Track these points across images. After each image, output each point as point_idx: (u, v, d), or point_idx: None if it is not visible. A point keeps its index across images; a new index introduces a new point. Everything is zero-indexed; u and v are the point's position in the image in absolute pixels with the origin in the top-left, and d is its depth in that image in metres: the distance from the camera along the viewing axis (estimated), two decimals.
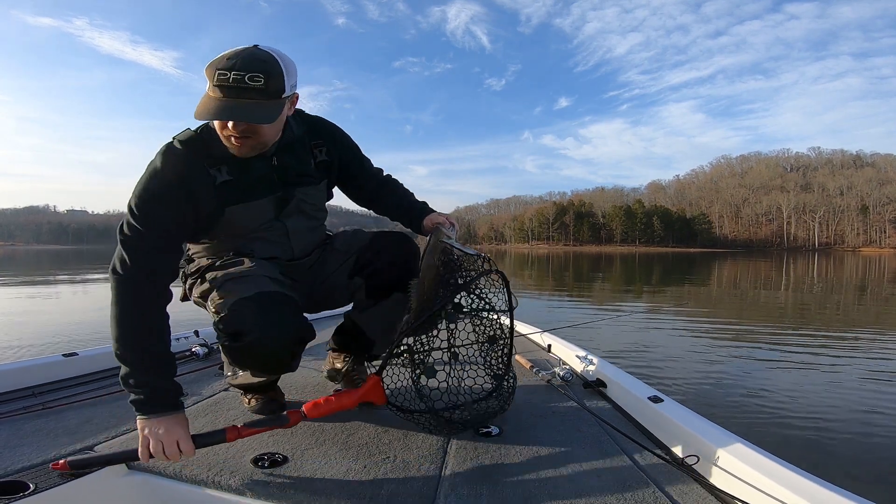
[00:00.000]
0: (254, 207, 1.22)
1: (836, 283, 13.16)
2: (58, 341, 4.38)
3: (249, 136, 1.08)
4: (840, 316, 6.69)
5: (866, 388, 3.04)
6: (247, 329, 1.09)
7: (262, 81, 1.00)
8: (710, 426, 1.07)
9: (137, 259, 1.03)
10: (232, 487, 0.94)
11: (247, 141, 1.09)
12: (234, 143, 1.09)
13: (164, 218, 1.07)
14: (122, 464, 1.02)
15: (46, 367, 1.60)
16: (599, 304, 7.99)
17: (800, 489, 0.79)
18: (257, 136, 1.09)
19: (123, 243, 1.04)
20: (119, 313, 1.01)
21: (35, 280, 12.45)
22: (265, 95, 1.02)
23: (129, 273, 1.03)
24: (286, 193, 1.25)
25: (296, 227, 1.31)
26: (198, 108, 1.02)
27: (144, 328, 1.02)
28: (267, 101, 1.04)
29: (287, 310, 1.15)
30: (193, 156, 1.11)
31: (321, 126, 1.36)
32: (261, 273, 1.18)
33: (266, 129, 1.09)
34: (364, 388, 1.12)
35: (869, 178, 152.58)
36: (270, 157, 1.22)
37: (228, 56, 1.01)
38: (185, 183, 1.10)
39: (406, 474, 0.99)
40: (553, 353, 2.04)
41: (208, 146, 1.13)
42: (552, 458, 1.07)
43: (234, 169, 1.17)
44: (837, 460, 2.01)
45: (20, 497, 0.86)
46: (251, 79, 0.99)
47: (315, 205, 1.35)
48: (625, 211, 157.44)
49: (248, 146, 1.11)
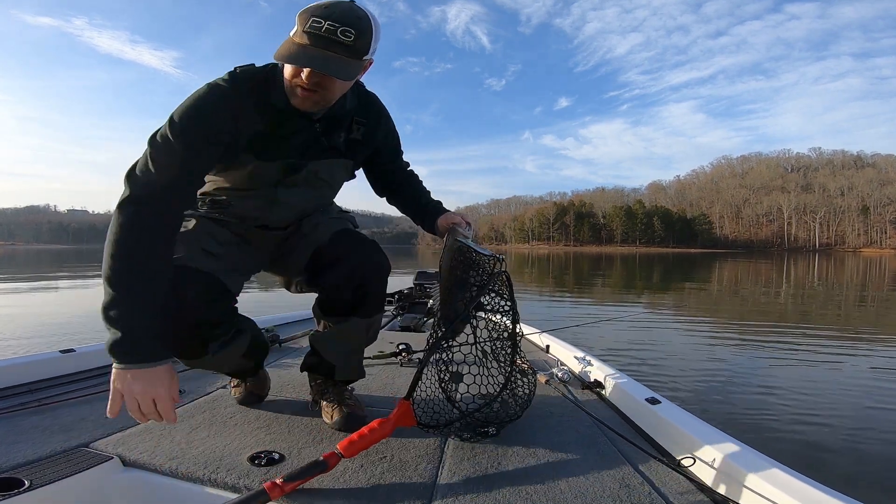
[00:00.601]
0: (267, 169, 1.15)
1: (837, 284, 13.16)
2: (55, 338, 4.38)
3: (318, 89, 1.03)
4: (840, 318, 6.69)
5: (864, 390, 3.04)
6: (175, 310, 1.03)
7: (352, 38, 0.96)
8: (706, 428, 1.07)
9: (163, 173, 0.97)
10: (228, 485, 0.94)
11: (313, 95, 1.04)
12: (301, 94, 1.04)
13: (202, 140, 1.01)
14: (117, 460, 1.02)
15: (43, 363, 1.60)
16: (599, 304, 7.99)
17: (794, 492, 0.79)
18: (326, 92, 1.04)
19: (152, 154, 0.97)
20: (126, 222, 0.94)
21: (34, 278, 12.46)
22: (350, 52, 0.97)
23: (151, 185, 0.96)
24: (300, 162, 1.18)
25: (290, 198, 1.23)
26: (279, 49, 0.98)
27: (151, 250, 0.95)
28: (350, 59, 0.98)
29: (188, 293, 1.04)
30: (248, 91, 1.06)
31: (372, 105, 1.29)
32: (196, 245, 1.13)
33: (337, 86, 1.05)
34: (396, 416, 1.06)
35: (870, 178, 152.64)
36: (315, 122, 1.15)
37: (326, 5, 0.97)
38: (233, 112, 1.04)
39: (403, 474, 0.99)
40: (551, 353, 2.04)
41: (266, 87, 1.08)
42: (549, 459, 1.07)
43: (274, 122, 1.10)
44: (834, 463, 2.01)
45: (15, 494, 0.86)
46: (343, 33, 0.95)
47: (326, 181, 1.27)
48: (625, 211, 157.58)
49: (312, 100, 1.05)
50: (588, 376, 1.64)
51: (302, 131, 1.15)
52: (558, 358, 1.92)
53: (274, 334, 2.19)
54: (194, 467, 0.99)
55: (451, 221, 1.36)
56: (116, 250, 0.93)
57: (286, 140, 1.14)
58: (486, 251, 1.19)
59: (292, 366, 1.84)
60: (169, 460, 1.01)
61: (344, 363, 1.32)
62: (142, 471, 1.01)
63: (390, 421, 1.03)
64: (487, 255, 1.18)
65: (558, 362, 1.82)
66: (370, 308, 1.28)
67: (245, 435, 1.17)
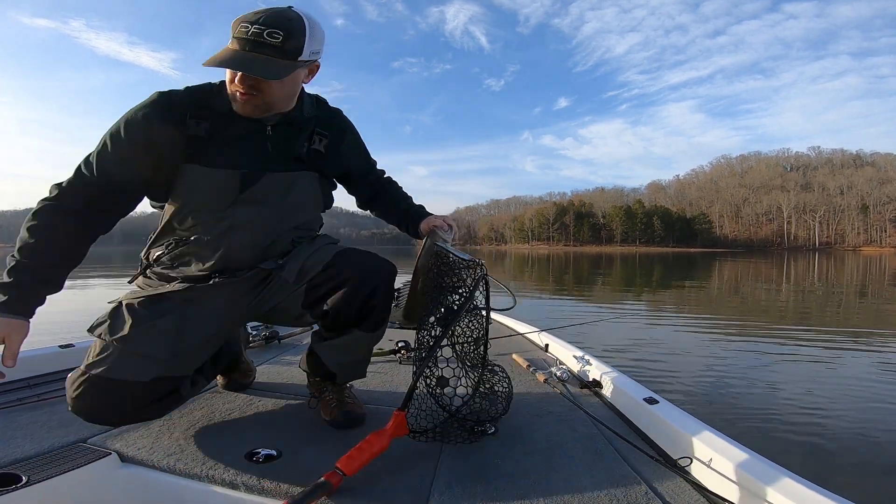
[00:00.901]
0: (213, 176, 1.09)
1: (837, 282, 13.17)
2: (54, 333, 4.39)
3: (254, 92, 1.04)
4: (840, 316, 6.69)
5: (864, 389, 3.05)
6: (74, 408, 1.05)
7: (279, 39, 0.98)
8: (704, 428, 1.07)
9: (78, 188, 1.04)
10: (225, 481, 0.94)
11: (252, 98, 1.04)
12: (241, 98, 1.05)
13: (118, 159, 1.04)
14: (115, 456, 1.02)
15: (42, 358, 1.60)
16: (598, 304, 8.00)
17: (791, 493, 0.79)
18: (263, 95, 1.04)
19: (77, 170, 1.05)
20: (45, 209, 1.02)
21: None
22: (280, 53, 0.99)
23: (67, 195, 1.03)
24: (256, 171, 1.12)
25: (252, 219, 1.14)
26: (215, 55, 0.99)
27: (58, 241, 1.02)
28: (280, 60, 0.99)
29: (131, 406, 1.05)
30: (179, 102, 1.07)
31: (336, 118, 1.28)
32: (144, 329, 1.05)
33: (275, 88, 1.04)
34: (392, 427, 1.01)
35: (869, 177, 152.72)
36: (266, 126, 1.13)
37: (257, 11, 0.99)
38: (152, 128, 1.04)
39: (401, 471, 0.99)
40: (550, 352, 2.04)
41: (209, 97, 1.09)
42: (547, 458, 1.07)
43: (219, 127, 1.09)
44: (832, 463, 2.01)
45: (13, 489, 0.86)
46: (270, 34, 0.97)
47: (285, 196, 1.18)
48: (625, 211, 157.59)
49: (252, 104, 1.06)
50: (586, 375, 1.65)
51: (251, 136, 1.12)
52: (557, 357, 1.92)
53: (273, 331, 2.19)
54: (192, 463, 0.99)
55: (431, 224, 1.33)
56: (31, 228, 1.01)
57: (233, 145, 1.10)
58: (465, 256, 1.15)
59: (291, 363, 1.84)
60: (167, 456, 1.02)
61: (346, 372, 1.30)
62: (140, 467, 1.02)
63: (387, 433, 1.00)
64: (467, 259, 1.14)
65: (557, 361, 1.82)
66: (377, 321, 1.21)
67: (243, 432, 1.17)
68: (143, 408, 1.08)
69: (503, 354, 2.02)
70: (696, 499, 0.91)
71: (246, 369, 1.52)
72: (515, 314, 2.62)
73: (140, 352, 1.04)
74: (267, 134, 1.13)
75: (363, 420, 1.27)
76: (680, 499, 0.91)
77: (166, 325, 1.08)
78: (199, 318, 1.12)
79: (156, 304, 1.10)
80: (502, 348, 2.13)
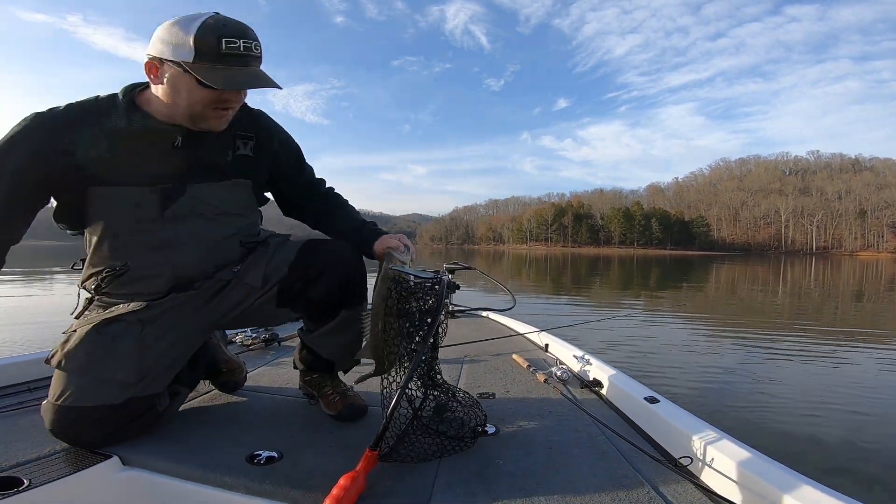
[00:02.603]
0: (125, 195, 1.05)
1: (833, 287, 13.20)
2: (55, 336, 4.37)
3: (231, 107, 1.04)
4: (836, 318, 6.71)
5: (862, 388, 3.06)
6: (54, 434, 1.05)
7: (260, 49, 0.99)
8: (705, 427, 1.07)
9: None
10: (227, 484, 0.94)
11: (227, 113, 1.05)
12: (220, 115, 1.04)
13: (24, 165, 0.99)
14: (116, 459, 1.02)
15: (42, 361, 1.59)
16: (597, 304, 8.00)
17: (793, 491, 0.80)
18: (236, 108, 1.05)
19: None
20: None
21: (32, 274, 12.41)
22: (260, 63, 1.01)
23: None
24: (176, 186, 1.08)
25: (185, 234, 1.10)
26: (209, 78, 0.94)
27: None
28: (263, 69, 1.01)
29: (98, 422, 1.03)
30: (60, 123, 1.01)
31: (258, 119, 1.22)
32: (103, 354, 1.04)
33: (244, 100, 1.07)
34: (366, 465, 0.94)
35: (867, 182, 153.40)
36: (176, 138, 1.06)
37: (223, 22, 0.96)
38: (60, 136, 1.00)
39: (401, 472, 0.99)
40: (550, 352, 2.05)
41: (99, 114, 1.03)
42: (548, 458, 1.07)
43: (117, 145, 1.03)
44: (833, 461, 2.01)
45: (14, 493, 0.86)
46: (255, 47, 0.98)
47: (218, 207, 1.14)
48: (623, 213, 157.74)
49: (225, 118, 1.06)
50: (587, 375, 1.65)
51: (160, 150, 1.07)
52: (557, 357, 1.92)
53: (273, 333, 2.19)
54: (193, 466, 0.98)
55: (386, 246, 1.20)
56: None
57: (141, 162, 1.06)
58: (426, 274, 1.08)
59: (290, 364, 1.83)
60: (168, 459, 1.01)
61: (343, 355, 1.30)
62: (141, 470, 1.01)
63: (362, 472, 0.92)
64: (430, 277, 1.08)
65: (557, 361, 1.83)
66: (359, 295, 1.24)
67: (243, 434, 1.17)
68: (123, 428, 1.07)
69: (503, 354, 2.03)
70: (699, 498, 0.91)
71: (232, 368, 1.48)
72: (515, 314, 2.62)
73: (104, 378, 1.04)
74: (176, 146, 1.07)
75: (366, 411, 1.29)
76: (682, 498, 0.91)
77: (125, 349, 1.06)
78: (158, 336, 1.10)
79: (110, 327, 1.07)
80: (502, 348, 2.13)
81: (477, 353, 2.08)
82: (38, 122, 1.00)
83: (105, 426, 1.05)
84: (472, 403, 1.19)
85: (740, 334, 5.26)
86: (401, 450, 1.02)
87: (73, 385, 1.03)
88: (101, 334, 1.06)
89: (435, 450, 1.05)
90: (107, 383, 1.04)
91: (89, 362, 1.03)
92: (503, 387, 1.61)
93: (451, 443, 1.08)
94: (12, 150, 0.99)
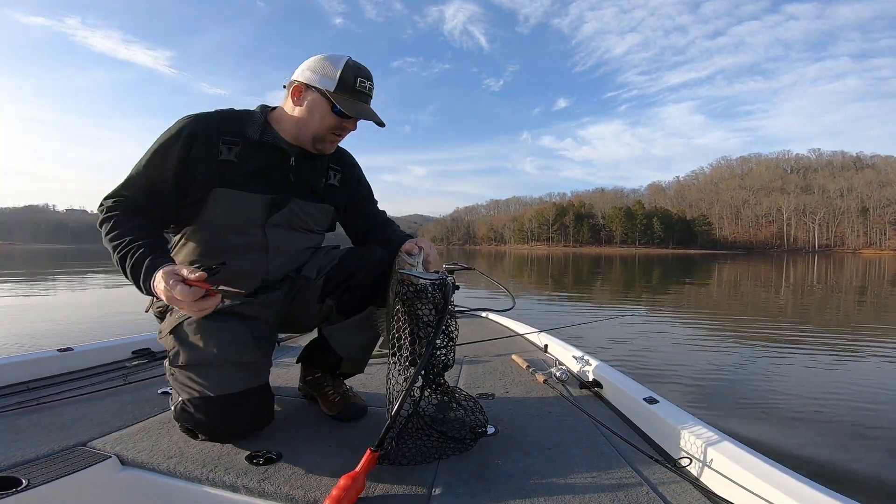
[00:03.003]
0: (243, 200, 1.17)
1: (836, 285, 13.17)
2: (53, 336, 4.38)
3: (343, 135, 1.24)
4: (839, 318, 6.69)
5: (864, 389, 3.04)
6: (205, 431, 1.10)
7: (373, 92, 1.22)
8: (704, 428, 1.07)
9: (122, 202, 1.10)
10: (226, 484, 0.94)
11: (339, 140, 1.25)
12: (334, 140, 1.24)
13: (157, 170, 1.12)
14: (115, 459, 1.02)
15: (41, 362, 1.60)
16: (598, 305, 7.99)
17: (791, 491, 0.80)
18: (345, 136, 1.25)
19: (124, 184, 1.12)
20: (113, 227, 1.07)
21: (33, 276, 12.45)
22: (371, 101, 1.22)
23: (118, 203, 1.10)
24: (282, 198, 1.22)
25: (280, 241, 1.24)
26: (345, 106, 1.15)
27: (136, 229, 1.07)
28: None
29: (241, 412, 1.10)
30: (213, 127, 1.15)
31: (346, 155, 1.42)
32: (230, 339, 1.11)
33: None
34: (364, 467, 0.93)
35: (869, 179, 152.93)
36: (290, 158, 1.23)
37: (358, 65, 1.18)
38: (188, 151, 1.12)
39: (401, 472, 0.99)
40: (549, 353, 2.05)
41: (240, 124, 1.19)
42: (547, 458, 1.07)
43: (247, 154, 1.18)
44: (833, 462, 2.01)
45: (13, 493, 0.86)
46: (371, 89, 1.21)
47: (307, 223, 1.30)
48: (625, 212, 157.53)
49: (336, 144, 1.27)
50: (586, 376, 1.65)
51: (277, 165, 1.22)
52: (556, 357, 1.92)
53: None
54: (192, 466, 0.99)
55: (404, 249, 1.23)
56: (112, 234, 1.07)
57: (260, 172, 1.19)
58: (430, 276, 1.09)
59: (290, 365, 1.84)
60: (167, 459, 1.01)
61: (354, 356, 1.33)
62: (140, 470, 1.01)
63: (363, 471, 0.92)
64: (434, 279, 1.08)
65: (556, 362, 1.83)
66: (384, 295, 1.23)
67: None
68: (267, 412, 1.17)
69: (502, 355, 2.02)
70: (697, 498, 0.91)
71: None
72: (514, 315, 2.62)
73: (238, 361, 1.11)
74: (291, 165, 1.24)
75: (366, 412, 1.32)
76: (681, 498, 0.91)
77: (245, 337, 1.14)
78: (256, 327, 1.19)
79: (220, 318, 1.14)
80: (501, 349, 2.13)
81: (476, 354, 2.08)
82: (196, 123, 1.14)
83: (251, 412, 1.12)
84: (471, 404, 1.19)
85: (741, 334, 5.25)
86: (401, 451, 1.02)
87: (213, 375, 1.08)
88: (218, 322, 1.13)
89: (435, 451, 1.05)
90: (242, 368, 1.11)
91: (221, 350, 1.09)
92: (503, 387, 1.61)
93: (451, 444, 1.08)
94: (170, 146, 1.12)
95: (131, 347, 1.90)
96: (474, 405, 1.19)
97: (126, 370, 1.71)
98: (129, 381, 1.58)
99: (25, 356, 1.60)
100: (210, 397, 1.06)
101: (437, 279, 1.09)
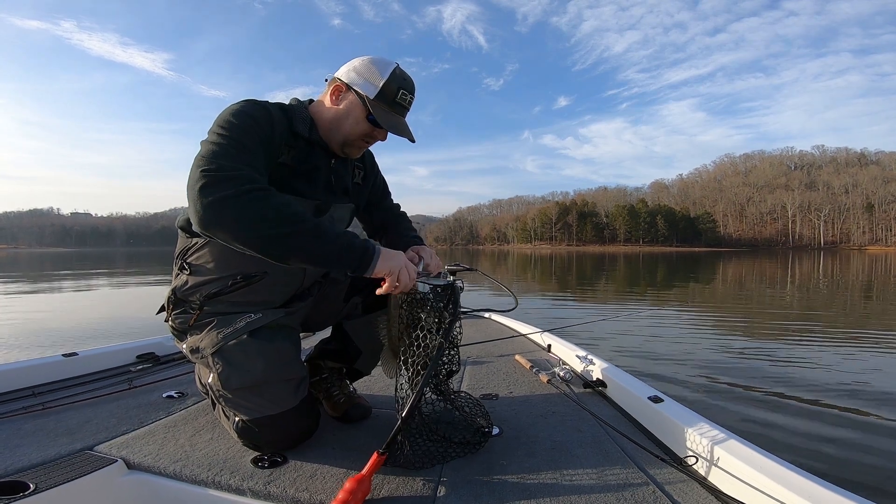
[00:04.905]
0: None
1: (843, 282, 13.08)
2: (58, 341, 4.41)
3: (372, 142, 1.20)
4: (846, 315, 6.64)
5: (871, 387, 3.02)
6: (270, 447, 1.09)
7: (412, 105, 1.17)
8: (710, 426, 1.06)
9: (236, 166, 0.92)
10: (232, 487, 0.94)
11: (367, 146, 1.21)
12: (363, 147, 1.19)
13: (255, 136, 0.99)
14: (121, 463, 1.02)
15: (46, 367, 1.61)
16: (601, 303, 7.97)
17: (799, 489, 0.79)
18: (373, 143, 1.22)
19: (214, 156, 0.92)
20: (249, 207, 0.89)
21: (38, 279, 12.53)
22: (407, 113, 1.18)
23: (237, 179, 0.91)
24: (324, 203, 1.18)
25: None
26: (380, 117, 1.09)
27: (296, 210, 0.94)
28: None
29: (304, 422, 1.12)
30: (278, 125, 1.07)
31: (367, 152, 1.40)
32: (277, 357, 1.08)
33: None
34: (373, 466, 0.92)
35: (874, 175, 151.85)
36: (331, 159, 1.20)
37: (404, 76, 1.13)
38: (271, 123, 1.04)
39: (406, 474, 0.99)
40: (553, 352, 2.04)
41: (291, 121, 1.11)
42: (552, 458, 1.07)
43: (300, 156, 1.12)
44: (841, 460, 1.99)
45: (20, 497, 0.86)
46: (410, 102, 1.16)
47: (340, 225, 1.27)
48: (628, 210, 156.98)
49: (363, 150, 1.23)
50: (590, 375, 1.64)
51: (321, 168, 1.17)
52: (560, 357, 1.91)
53: None
54: (198, 470, 0.99)
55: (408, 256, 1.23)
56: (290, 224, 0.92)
57: (307, 175, 1.14)
58: (435, 282, 1.09)
59: None
60: (173, 463, 1.02)
61: (372, 348, 1.34)
62: (146, 473, 1.02)
63: (369, 472, 0.91)
64: (440, 284, 1.09)
65: (560, 362, 1.82)
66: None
67: None
68: (317, 416, 1.17)
69: (505, 356, 2.02)
70: (705, 497, 0.90)
71: None
72: (517, 315, 2.62)
73: (288, 378, 1.09)
74: (332, 166, 1.21)
75: (370, 413, 1.33)
76: (688, 498, 0.90)
77: (290, 352, 1.11)
78: (294, 339, 1.18)
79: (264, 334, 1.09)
80: (504, 349, 2.13)
81: (480, 355, 2.07)
82: (256, 104, 1.05)
83: (306, 421, 1.12)
84: (475, 409, 1.19)
85: (746, 332, 5.22)
86: (407, 453, 1.02)
87: (268, 394, 1.06)
88: (264, 342, 1.08)
89: (440, 454, 1.05)
90: (293, 384, 1.10)
91: (270, 370, 1.06)
92: (506, 388, 1.60)
93: (456, 447, 1.08)
94: (258, 114, 1.02)
95: (136, 352, 1.91)
96: (478, 409, 1.19)
97: (131, 374, 1.72)
98: (133, 385, 1.59)
99: (31, 361, 1.61)
100: (269, 416, 1.06)
101: (444, 282, 1.10)
